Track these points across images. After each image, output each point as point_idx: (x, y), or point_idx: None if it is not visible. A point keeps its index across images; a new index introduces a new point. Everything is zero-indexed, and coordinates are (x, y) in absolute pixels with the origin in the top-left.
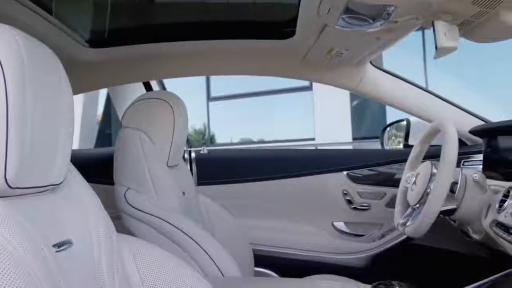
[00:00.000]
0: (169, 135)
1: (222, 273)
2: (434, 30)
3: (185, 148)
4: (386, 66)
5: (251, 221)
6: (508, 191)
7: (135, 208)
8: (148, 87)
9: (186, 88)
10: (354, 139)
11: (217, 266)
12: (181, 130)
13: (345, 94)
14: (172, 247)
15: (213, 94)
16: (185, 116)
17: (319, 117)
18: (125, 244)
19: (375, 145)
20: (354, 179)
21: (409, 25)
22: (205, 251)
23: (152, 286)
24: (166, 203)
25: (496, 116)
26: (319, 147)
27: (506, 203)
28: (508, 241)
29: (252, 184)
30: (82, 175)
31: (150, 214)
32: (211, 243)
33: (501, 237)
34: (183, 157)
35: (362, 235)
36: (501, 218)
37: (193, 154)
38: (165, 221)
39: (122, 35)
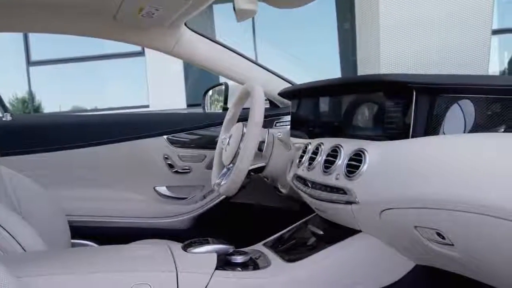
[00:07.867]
0: None
1: (24, 249)
2: None
3: None
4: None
5: (66, 192)
6: (306, 147)
7: None
8: None
9: None
10: (188, 105)
11: (18, 242)
12: None
13: (178, 60)
14: None
15: (34, 57)
16: None
17: (153, 83)
18: None
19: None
20: (175, 143)
21: None
22: (3, 228)
23: None
24: None
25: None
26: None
27: (304, 158)
28: (304, 192)
29: (66, 152)
30: None
31: None
32: (11, 218)
33: (299, 189)
34: None
35: (185, 198)
36: (300, 171)
37: None
38: None
39: None
